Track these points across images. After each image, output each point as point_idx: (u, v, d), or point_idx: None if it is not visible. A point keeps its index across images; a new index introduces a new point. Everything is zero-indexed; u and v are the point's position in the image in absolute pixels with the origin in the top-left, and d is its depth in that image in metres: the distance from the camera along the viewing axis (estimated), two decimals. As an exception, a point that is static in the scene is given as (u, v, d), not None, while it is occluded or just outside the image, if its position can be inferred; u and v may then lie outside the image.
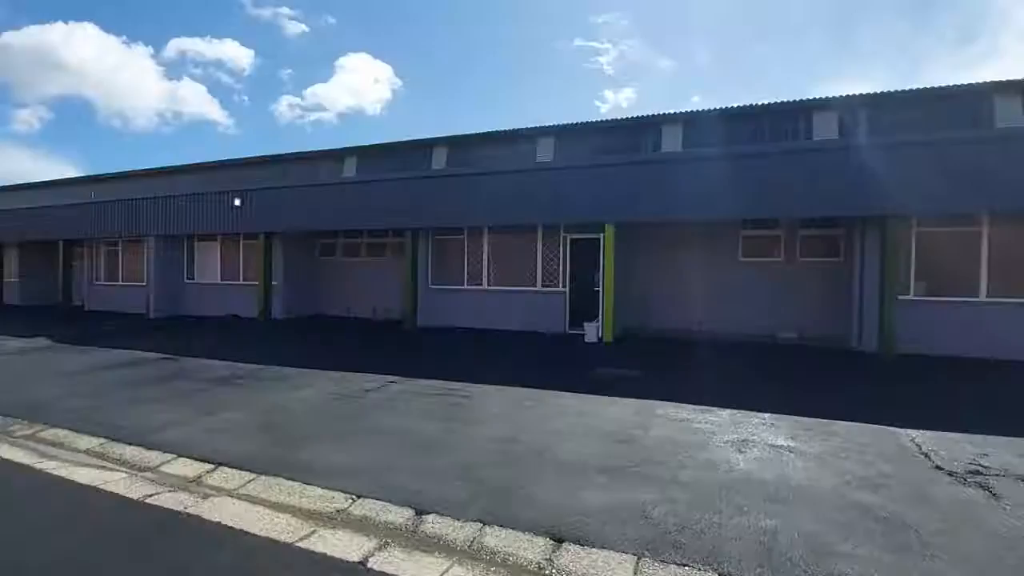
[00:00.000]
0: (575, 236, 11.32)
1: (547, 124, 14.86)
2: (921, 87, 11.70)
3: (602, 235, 10.17)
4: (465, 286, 12.41)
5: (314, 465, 3.73)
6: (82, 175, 25.67)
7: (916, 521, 2.88)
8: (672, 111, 13.58)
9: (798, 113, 12.50)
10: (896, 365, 7.74)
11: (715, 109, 13.20)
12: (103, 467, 3.79)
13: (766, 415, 5.00)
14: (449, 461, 3.82)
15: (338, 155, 17.91)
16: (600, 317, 10.16)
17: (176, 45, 77.86)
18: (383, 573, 2.43)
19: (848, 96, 12.09)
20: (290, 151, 18.80)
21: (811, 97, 12.40)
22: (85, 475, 3.61)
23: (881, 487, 3.35)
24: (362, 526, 2.89)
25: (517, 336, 10.76)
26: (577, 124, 14.60)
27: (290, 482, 3.45)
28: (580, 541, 2.69)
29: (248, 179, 16.96)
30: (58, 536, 2.80)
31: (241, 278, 15.06)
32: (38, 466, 3.80)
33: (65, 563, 2.52)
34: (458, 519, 2.92)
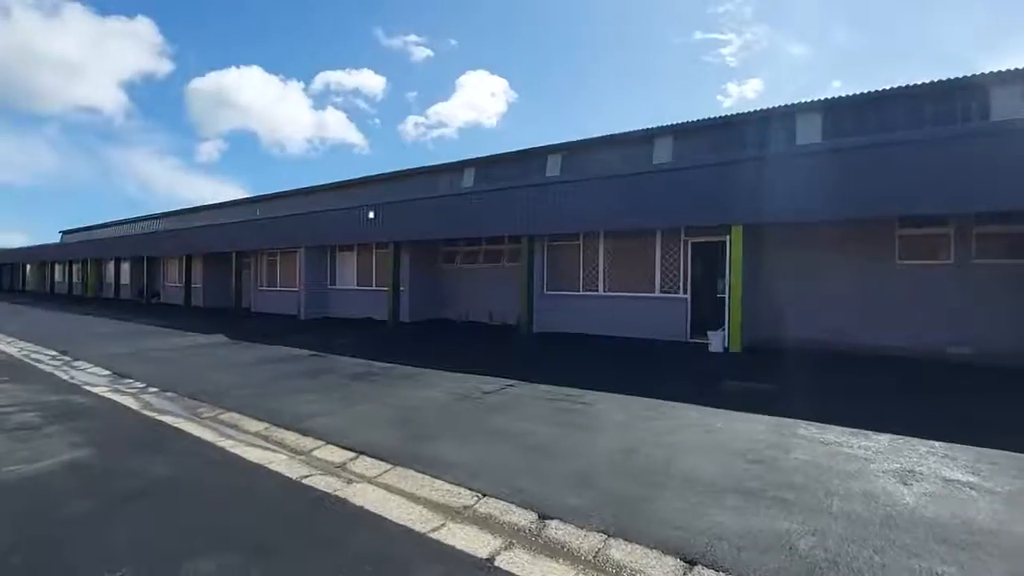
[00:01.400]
0: (697, 239, 10.73)
1: (664, 124, 14.31)
2: None
3: (728, 238, 9.50)
4: (580, 292, 12.35)
5: (441, 460, 3.94)
6: (249, 196, 30.03)
7: None
8: (808, 99, 12.29)
9: (969, 91, 10.60)
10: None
11: (860, 93, 11.69)
12: (268, 448, 4.35)
13: (937, 443, 4.28)
14: (569, 468, 3.81)
15: (458, 167, 18.90)
16: (726, 326, 9.49)
17: (322, 78, 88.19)
18: (509, 573, 2.49)
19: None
20: (414, 166, 20.29)
21: (987, 71, 10.43)
22: (254, 454, 4.17)
23: (1109, 544, 2.70)
24: (487, 524, 2.98)
25: (634, 343, 10.44)
26: (697, 121, 13.85)
27: (421, 475, 3.68)
28: (715, 566, 2.51)
29: (379, 193, 18.60)
30: (237, 505, 3.27)
31: (374, 284, 16.51)
32: (219, 443, 4.47)
33: (243, 529, 2.92)
34: (581, 527, 2.89)
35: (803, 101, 12.28)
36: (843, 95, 11.85)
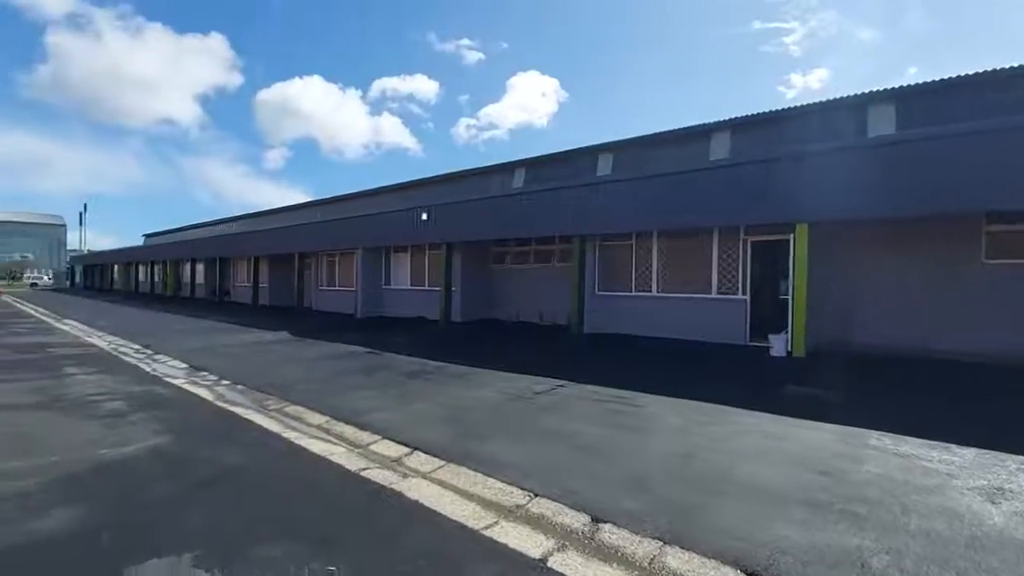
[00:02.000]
0: (757, 238, 10.29)
1: (721, 119, 13.79)
2: None
3: (792, 236, 9.04)
4: (632, 292, 12.13)
5: (494, 459, 3.97)
6: (310, 200, 31.44)
7: None
8: (880, 88, 11.49)
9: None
10: None
11: (940, 80, 10.79)
12: (329, 441, 4.54)
13: (1032, 460, 3.90)
14: (622, 471, 3.74)
15: (508, 168, 19.00)
16: (789, 328, 9.04)
17: (378, 85, 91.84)
18: (562, 574, 2.48)
19: None
20: (466, 167, 20.58)
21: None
22: (317, 446, 4.37)
23: None
24: (540, 524, 2.98)
25: (689, 346, 10.14)
26: (757, 115, 13.23)
27: (474, 473, 3.73)
28: (777, 579, 2.40)
29: (432, 195, 18.98)
30: (301, 494, 3.43)
31: (426, 284, 16.89)
32: (284, 435, 4.71)
33: (306, 517, 3.07)
34: (636, 533, 2.84)
35: (875, 90, 11.49)
36: (920, 82, 10.99)
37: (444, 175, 21.36)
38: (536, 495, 3.34)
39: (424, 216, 15.18)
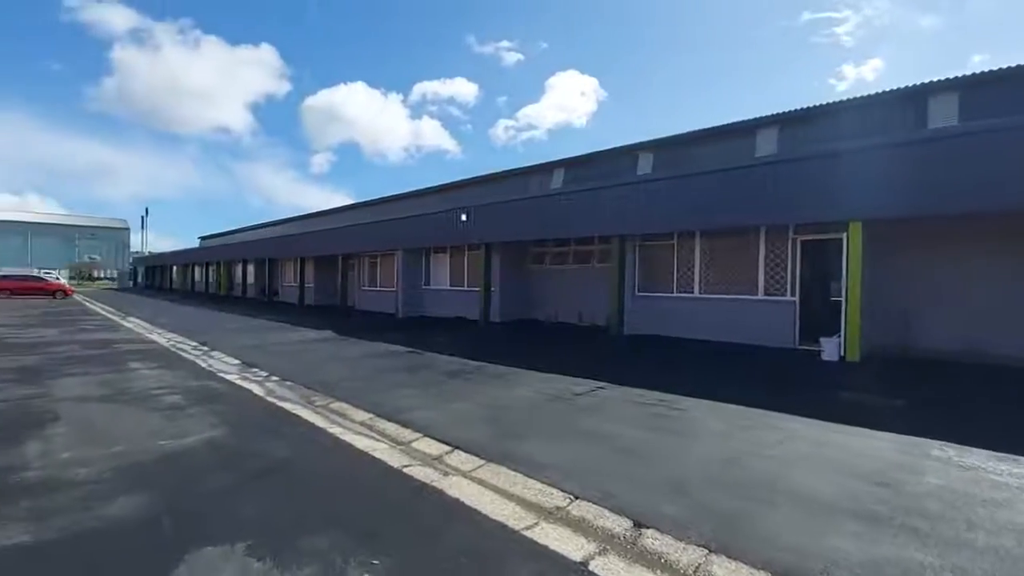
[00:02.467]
0: (807, 237, 9.89)
1: (767, 114, 13.31)
2: None
3: (844, 235, 8.64)
4: (674, 293, 11.88)
5: (533, 460, 3.97)
6: (353, 203, 32.32)
7: None
8: (941, 77, 10.81)
9: None
10: None
11: (1011, 67, 10.04)
12: (372, 437, 4.66)
13: (1120, 478, 3.59)
14: (663, 475, 3.67)
15: (547, 168, 18.97)
16: (842, 332, 8.64)
17: (419, 89, 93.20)
18: (603, 578, 2.45)
19: None
20: (505, 168, 20.67)
21: None
22: (361, 442, 4.48)
23: None
24: (580, 527, 2.96)
25: (733, 348, 9.85)
26: (807, 108, 12.69)
27: (514, 473, 3.74)
28: (831, 594, 2.30)
29: (471, 196, 19.15)
30: (346, 488, 3.53)
31: (465, 284, 17.07)
32: (330, 430, 4.86)
33: (351, 510, 3.16)
34: (679, 540, 2.78)
35: (936, 79, 10.83)
36: (986, 70, 10.29)
37: (483, 176, 21.53)
38: (576, 497, 3.32)
39: (464, 217, 15.34)
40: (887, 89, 11.51)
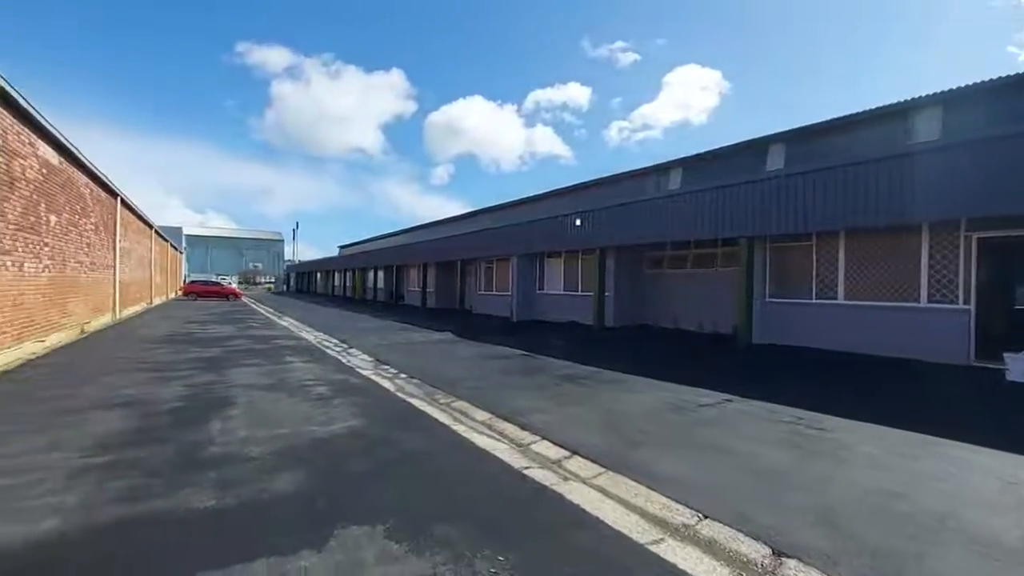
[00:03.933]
0: (986, 235, 8.39)
1: (926, 93, 11.50)
2: None
3: (1039, 231, 7.17)
4: (813, 300, 10.74)
5: (655, 472, 3.83)
6: (470, 210, 33.85)
7: None
8: None
9: None
10: None
11: None
12: (492, 437, 4.82)
13: None
14: (804, 501, 3.32)
15: (664, 168, 18.25)
16: (1035, 347, 7.17)
17: (533, 97, 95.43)
18: (739, 606, 2.28)
19: None
20: (619, 170, 20.27)
21: None
22: (482, 441, 4.66)
23: None
24: (711, 549, 2.79)
25: (887, 363, 8.63)
26: (978, 84, 10.75)
27: (635, 484, 3.63)
28: (1035, 664, 1.91)
29: (585, 200, 19.06)
30: (471, 483, 3.68)
31: (579, 289, 17.00)
32: (454, 427, 5.11)
33: (477, 504, 3.29)
34: (828, 575, 2.50)
35: None
36: None
37: (597, 179, 21.31)
38: (705, 516, 3.14)
39: (578, 222, 15.31)
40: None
